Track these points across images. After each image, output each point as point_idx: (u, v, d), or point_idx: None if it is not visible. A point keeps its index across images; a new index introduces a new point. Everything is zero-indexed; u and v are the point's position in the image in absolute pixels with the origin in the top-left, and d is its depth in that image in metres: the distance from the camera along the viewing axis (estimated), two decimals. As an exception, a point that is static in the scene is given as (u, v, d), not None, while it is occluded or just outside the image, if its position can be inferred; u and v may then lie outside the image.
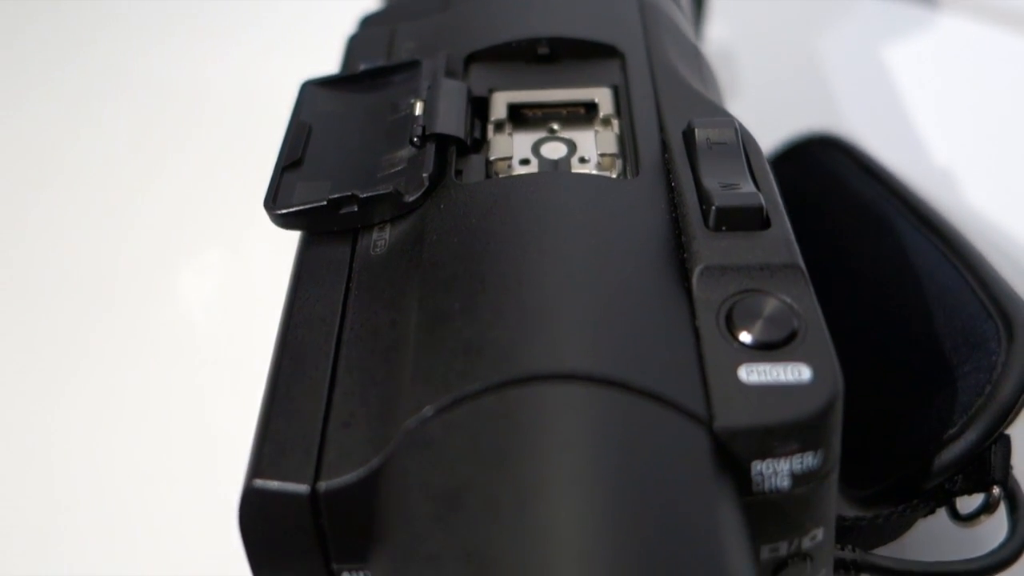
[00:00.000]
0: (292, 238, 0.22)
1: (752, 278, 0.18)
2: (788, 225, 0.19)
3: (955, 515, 0.22)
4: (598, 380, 0.16)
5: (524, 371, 0.16)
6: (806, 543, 0.17)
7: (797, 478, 0.16)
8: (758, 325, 0.17)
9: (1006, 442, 0.22)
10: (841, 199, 0.30)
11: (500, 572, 0.14)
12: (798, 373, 0.17)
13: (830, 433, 0.16)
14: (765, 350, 0.17)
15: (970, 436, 0.22)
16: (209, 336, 0.33)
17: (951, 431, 0.22)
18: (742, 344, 0.17)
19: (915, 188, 0.29)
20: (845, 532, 0.22)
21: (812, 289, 0.18)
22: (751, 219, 0.19)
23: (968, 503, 0.22)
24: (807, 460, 0.16)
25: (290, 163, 0.22)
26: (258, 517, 0.17)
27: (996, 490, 0.21)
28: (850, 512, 0.23)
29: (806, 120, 0.33)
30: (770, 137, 0.33)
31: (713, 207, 0.19)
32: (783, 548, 0.17)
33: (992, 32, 0.45)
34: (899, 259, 0.26)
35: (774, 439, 0.16)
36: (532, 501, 0.14)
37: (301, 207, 0.21)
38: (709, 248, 0.19)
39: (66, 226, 0.38)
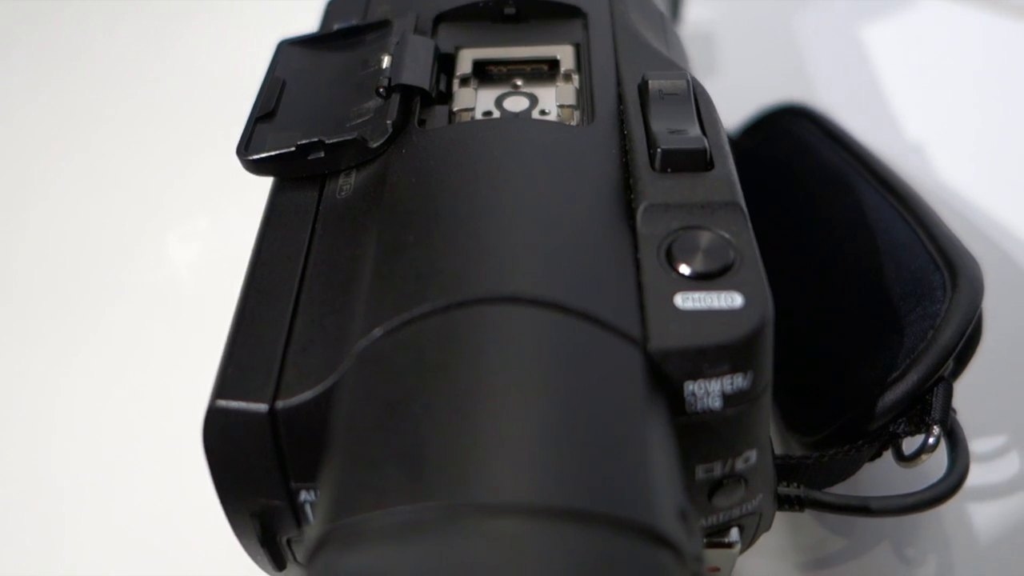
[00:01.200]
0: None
1: (693, 215, 0.19)
2: (731, 167, 0.20)
3: (900, 456, 0.23)
4: (539, 303, 0.17)
5: (469, 294, 0.17)
6: (739, 465, 0.18)
7: (728, 398, 0.17)
8: (696, 257, 0.18)
9: (947, 385, 0.23)
10: (808, 164, 0.31)
11: (436, 470, 0.15)
12: (731, 300, 0.17)
13: (760, 356, 0.17)
14: (702, 280, 0.18)
15: (912, 378, 0.22)
16: (194, 296, 0.34)
17: (895, 374, 0.23)
18: (680, 275, 0.18)
19: (877, 153, 0.29)
20: (792, 470, 0.22)
21: (750, 225, 0.19)
22: (695, 161, 0.20)
23: (913, 445, 0.23)
24: (737, 381, 0.17)
25: (263, 114, 0.23)
26: (220, 437, 0.18)
27: (936, 430, 0.22)
28: (798, 453, 0.24)
29: (785, 98, 0.34)
30: (749, 113, 0.34)
31: (659, 150, 0.20)
32: (717, 469, 0.18)
33: (966, 11, 0.46)
34: (857, 216, 0.27)
35: (705, 360, 0.17)
36: (469, 407, 0.15)
37: (271, 153, 0.22)
38: (654, 187, 0.19)
39: (61, 200, 0.39)
